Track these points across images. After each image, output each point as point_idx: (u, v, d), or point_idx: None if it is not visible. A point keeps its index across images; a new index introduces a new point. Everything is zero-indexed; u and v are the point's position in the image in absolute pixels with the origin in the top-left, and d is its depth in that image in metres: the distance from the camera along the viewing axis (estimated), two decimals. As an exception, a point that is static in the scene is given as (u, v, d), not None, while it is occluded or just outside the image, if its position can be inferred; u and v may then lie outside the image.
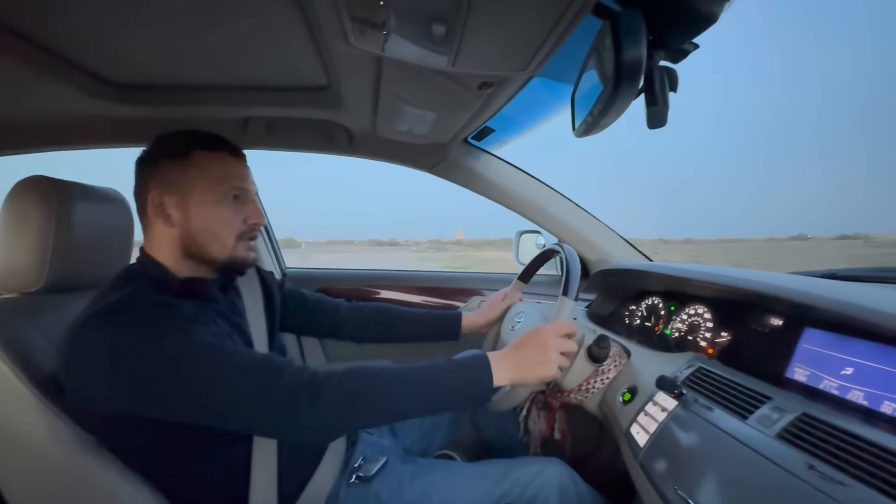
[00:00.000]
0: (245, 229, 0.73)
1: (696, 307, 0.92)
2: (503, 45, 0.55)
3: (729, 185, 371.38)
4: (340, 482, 0.79)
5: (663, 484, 0.59)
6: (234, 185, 0.71)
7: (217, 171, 0.70)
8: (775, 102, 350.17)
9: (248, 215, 0.73)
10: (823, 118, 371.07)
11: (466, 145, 1.18)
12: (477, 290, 1.48)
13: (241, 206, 0.73)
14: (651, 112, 0.49)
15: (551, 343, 0.70)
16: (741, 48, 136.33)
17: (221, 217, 0.70)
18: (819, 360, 0.62)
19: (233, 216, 0.71)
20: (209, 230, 0.70)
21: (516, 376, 0.69)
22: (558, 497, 0.77)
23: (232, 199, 0.71)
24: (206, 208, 0.69)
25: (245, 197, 0.73)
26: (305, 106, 0.95)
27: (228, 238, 0.71)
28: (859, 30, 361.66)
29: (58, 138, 1.04)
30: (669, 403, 0.68)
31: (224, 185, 0.70)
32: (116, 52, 0.75)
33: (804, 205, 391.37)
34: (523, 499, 0.77)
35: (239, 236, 0.72)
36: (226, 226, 0.71)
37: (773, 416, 0.55)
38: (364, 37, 0.55)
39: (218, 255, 0.71)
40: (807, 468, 0.46)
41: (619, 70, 0.41)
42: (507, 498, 0.77)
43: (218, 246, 0.70)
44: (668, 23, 0.45)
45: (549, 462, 0.83)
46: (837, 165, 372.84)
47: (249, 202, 0.74)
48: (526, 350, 0.71)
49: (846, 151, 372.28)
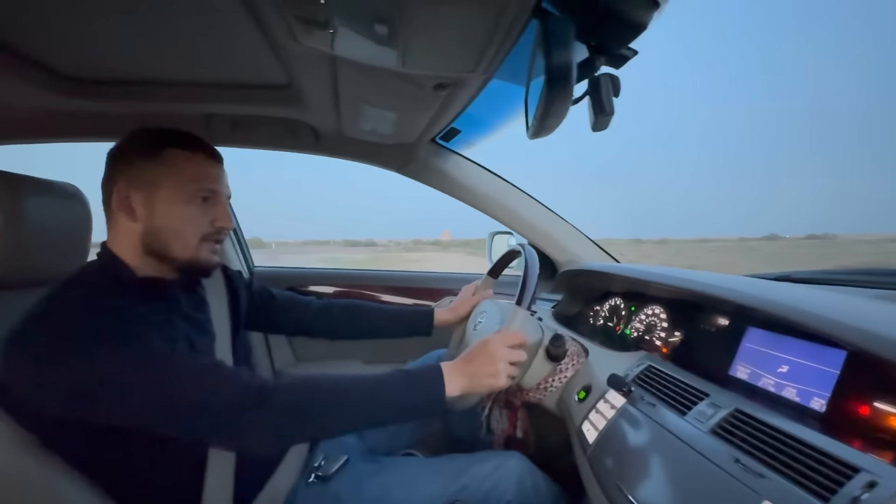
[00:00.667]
0: (210, 231, 0.72)
1: (653, 308, 0.94)
2: (449, 46, 0.55)
3: (703, 185, 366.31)
4: (300, 482, 0.79)
5: (607, 479, 0.60)
6: (204, 185, 0.70)
7: (189, 170, 0.69)
8: (750, 105, 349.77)
9: (215, 217, 0.72)
10: (798, 120, 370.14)
11: (434, 146, 1.19)
12: (449, 290, 1.49)
13: (209, 207, 0.71)
14: (599, 119, 0.50)
15: (499, 354, 0.70)
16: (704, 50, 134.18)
17: (187, 216, 0.69)
18: (759, 358, 0.64)
19: (200, 217, 0.70)
20: (172, 229, 0.68)
21: (467, 387, 0.69)
22: (516, 489, 0.78)
23: (201, 201, 0.70)
24: (173, 207, 0.68)
25: (215, 199, 0.72)
26: (268, 104, 0.94)
27: (192, 238, 0.70)
28: (821, 31, 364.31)
29: (9, 132, 1.01)
30: (619, 401, 0.69)
31: (194, 185, 0.69)
32: (68, 45, 0.73)
33: (774, 205, 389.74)
34: (481, 492, 0.77)
35: (203, 237, 0.71)
36: (190, 225, 0.69)
37: (709, 412, 0.56)
38: (311, 35, 0.55)
39: (179, 254, 0.69)
40: (733, 461, 0.47)
41: (551, 73, 0.42)
42: (465, 492, 0.77)
43: (180, 245, 0.69)
44: (603, 29, 0.46)
45: (508, 456, 0.84)
46: (806, 168, 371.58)
47: (219, 204, 0.73)
48: (475, 362, 0.71)
49: (814, 156, 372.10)
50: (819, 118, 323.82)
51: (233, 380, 0.59)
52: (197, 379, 0.58)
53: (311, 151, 1.18)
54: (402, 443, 1.07)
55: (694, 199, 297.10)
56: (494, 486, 0.78)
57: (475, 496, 0.77)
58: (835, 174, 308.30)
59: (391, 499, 0.77)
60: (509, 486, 0.78)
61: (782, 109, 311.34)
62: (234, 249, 1.46)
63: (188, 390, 0.57)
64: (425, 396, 0.67)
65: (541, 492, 0.80)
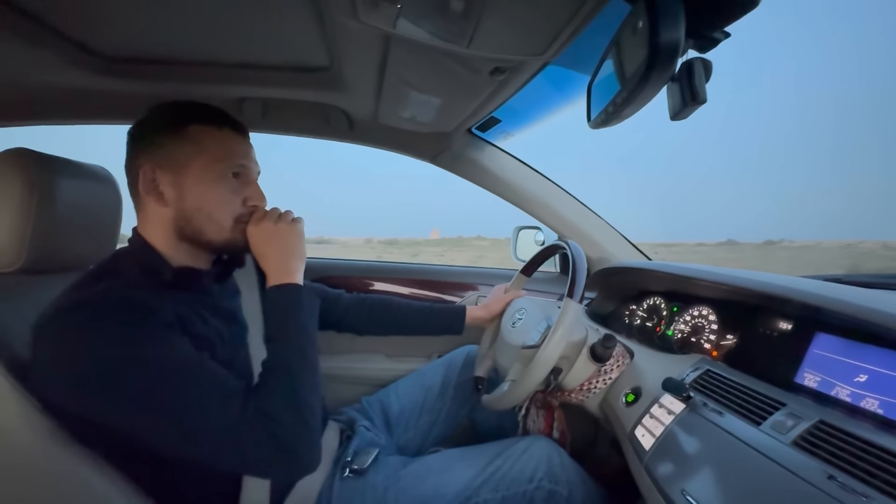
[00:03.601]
0: (244, 212, 0.68)
1: (700, 308, 0.90)
2: (523, 26, 0.52)
3: (665, 188, 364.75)
4: (333, 477, 0.77)
5: (670, 487, 0.57)
6: (235, 162, 0.66)
7: (216, 147, 0.65)
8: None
9: (248, 196, 0.68)
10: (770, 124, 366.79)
11: (470, 136, 1.15)
12: (472, 285, 1.46)
13: (241, 186, 0.68)
14: (687, 107, 0.47)
15: None
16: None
17: (219, 197, 0.65)
18: (831, 366, 0.61)
19: (231, 197, 0.67)
20: (205, 211, 0.65)
21: None
22: (546, 466, 0.78)
23: (231, 178, 0.66)
24: (203, 187, 0.64)
25: (246, 176, 0.69)
26: (304, 88, 0.90)
27: (226, 220, 0.66)
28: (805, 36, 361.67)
29: (43, 112, 0.98)
30: (676, 406, 0.66)
31: (223, 163, 0.65)
32: (106, 23, 0.70)
33: (734, 211, 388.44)
34: (513, 472, 0.78)
35: (237, 219, 0.67)
36: (224, 207, 0.66)
37: (788, 422, 0.53)
38: (375, 11, 0.51)
39: (215, 238, 0.66)
40: (826, 478, 0.44)
41: (654, 54, 0.38)
42: (498, 473, 0.77)
43: (214, 228, 0.66)
44: (704, 8, 0.42)
45: (537, 438, 0.84)
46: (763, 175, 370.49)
47: (251, 182, 0.70)
48: None
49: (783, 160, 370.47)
50: (767, 128, 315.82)
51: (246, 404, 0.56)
52: (224, 402, 0.55)
53: (343, 139, 1.14)
54: (430, 441, 1.05)
55: (653, 205, 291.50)
56: (525, 466, 0.78)
57: (508, 476, 0.77)
58: (790, 182, 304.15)
59: (428, 486, 0.76)
60: (540, 464, 0.78)
61: (740, 116, 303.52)
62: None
63: (207, 411, 0.54)
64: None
65: (567, 469, 0.80)
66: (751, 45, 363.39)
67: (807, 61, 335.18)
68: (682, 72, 0.46)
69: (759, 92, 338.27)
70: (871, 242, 44.41)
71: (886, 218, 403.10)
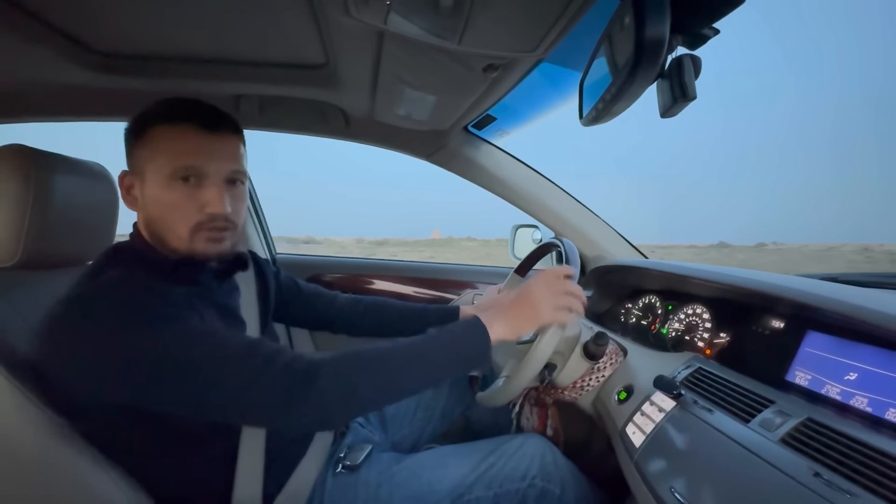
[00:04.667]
0: (202, 219, 0.61)
1: (694, 307, 0.90)
2: (514, 23, 0.52)
3: (654, 194, 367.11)
4: (326, 472, 0.78)
5: (659, 484, 0.57)
6: (182, 163, 0.59)
7: (168, 146, 0.59)
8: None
9: (204, 202, 0.60)
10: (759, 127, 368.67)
11: (466, 134, 1.15)
12: (470, 283, 1.46)
13: (195, 190, 0.60)
14: (677, 104, 0.47)
15: (541, 291, 0.70)
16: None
17: (170, 203, 0.60)
18: (821, 364, 0.61)
19: (184, 202, 0.60)
20: (161, 218, 0.61)
21: (509, 329, 0.68)
22: (539, 464, 0.78)
23: (181, 182, 0.60)
24: (157, 192, 0.60)
25: (200, 179, 0.61)
26: (301, 85, 0.91)
27: (181, 228, 0.61)
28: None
29: (40, 109, 0.99)
30: (667, 404, 0.66)
31: (170, 165, 0.59)
32: (102, 20, 0.71)
33: (728, 214, 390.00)
34: (507, 469, 0.77)
35: (195, 227, 0.61)
36: (175, 213, 0.60)
37: (777, 420, 0.53)
38: (366, 7, 0.51)
39: (177, 246, 0.62)
40: (812, 475, 0.44)
41: (640, 50, 0.39)
42: (491, 470, 0.77)
43: (173, 237, 0.61)
44: (691, 4, 0.42)
45: (530, 436, 0.84)
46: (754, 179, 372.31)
47: (207, 186, 0.61)
48: (515, 304, 0.69)
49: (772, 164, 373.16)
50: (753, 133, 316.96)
51: (280, 357, 0.56)
52: (246, 357, 0.55)
53: (340, 136, 1.15)
54: (426, 438, 1.05)
55: (648, 207, 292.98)
56: (518, 463, 0.78)
57: (501, 473, 0.77)
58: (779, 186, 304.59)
59: (422, 482, 0.76)
60: (533, 462, 0.78)
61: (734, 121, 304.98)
62: (258, 237, 1.44)
63: (238, 369, 0.54)
64: (471, 349, 0.65)
65: (560, 467, 0.79)
66: (746, 44, 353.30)
67: (804, 60, 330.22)
68: (672, 68, 0.46)
69: (754, 92, 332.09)
70: (852, 245, 44.45)
71: (870, 220, 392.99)
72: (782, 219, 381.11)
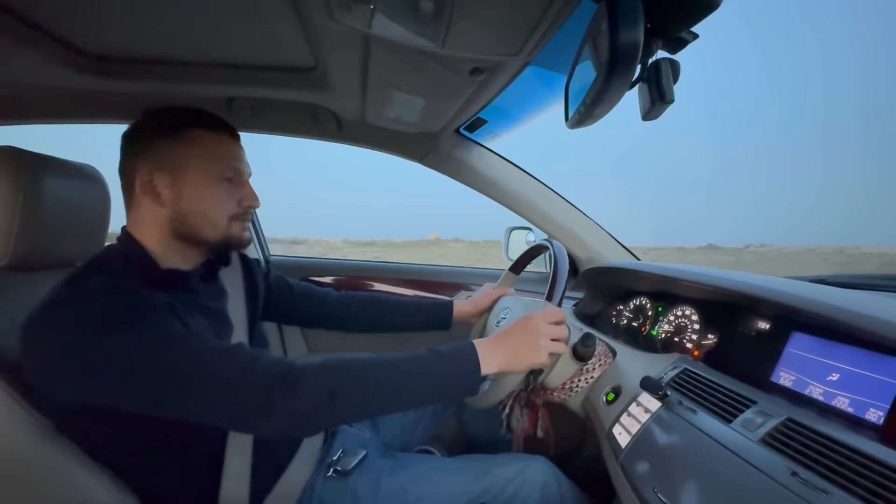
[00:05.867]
0: (238, 212, 0.71)
1: (683, 308, 0.91)
2: (495, 27, 0.52)
3: (641, 197, 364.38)
4: (317, 475, 0.77)
5: (643, 485, 0.58)
6: (230, 165, 0.69)
7: (213, 150, 0.68)
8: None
9: (242, 197, 0.71)
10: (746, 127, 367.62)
11: (458, 136, 1.16)
12: (464, 285, 1.46)
13: (235, 187, 0.71)
14: (655, 107, 0.47)
15: (542, 330, 0.69)
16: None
17: (215, 199, 0.68)
18: (805, 364, 0.61)
19: (227, 198, 0.70)
20: (201, 212, 0.67)
21: (505, 363, 0.67)
22: (540, 495, 0.75)
23: (227, 181, 0.69)
24: (201, 189, 0.67)
25: (239, 179, 0.72)
26: (292, 88, 0.91)
27: (221, 219, 0.69)
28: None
29: (31, 111, 0.99)
30: (653, 405, 0.67)
31: (220, 166, 0.68)
32: (94, 23, 0.71)
33: (715, 217, 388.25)
34: (503, 496, 0.75)
35: (232, 217, 0.70)
36: (220, 207, 0.69)
37: (758, 420, 0.54)
38: (349, 12, 0.52)
39: (209, 236, 0.69)
40: (789, 474, 0.45)
41: (615, 54, 0.39)
42: (486, 495, 0.75)
43: (209, 227, 0.68)
44: (667, 9, 0.43)
45: (533, 460, 0.81)
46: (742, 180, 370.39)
47: (244, 184, 0.73)
48: (515, 337, 0.69)
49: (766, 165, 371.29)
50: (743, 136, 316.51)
51: (260, 361, 0.57)
52: (224, 361, 0.55)
53: (332, 139, 1.15)
54: (417, 439, 1.05)
55: (637, 211, 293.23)
56: (517, 491, 0.75)
57: (497, 501, 0.75)
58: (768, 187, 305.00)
59: (409, 497, 0.75)
60: (533, 491, 0.75)
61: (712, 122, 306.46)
62: (252, 238, 1.44)
63: (216, 372, 0.54)
64: (459, 375, 0.65)
65: (566, 499, 0.77)
66: (728, 50, 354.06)
67: (788, 62, 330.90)
68: (651, 72, 0.47)
69: (746, 92, 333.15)
70: (830, 247, 44.61)
71: (849, 223, 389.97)
72: (770, 221, 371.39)
